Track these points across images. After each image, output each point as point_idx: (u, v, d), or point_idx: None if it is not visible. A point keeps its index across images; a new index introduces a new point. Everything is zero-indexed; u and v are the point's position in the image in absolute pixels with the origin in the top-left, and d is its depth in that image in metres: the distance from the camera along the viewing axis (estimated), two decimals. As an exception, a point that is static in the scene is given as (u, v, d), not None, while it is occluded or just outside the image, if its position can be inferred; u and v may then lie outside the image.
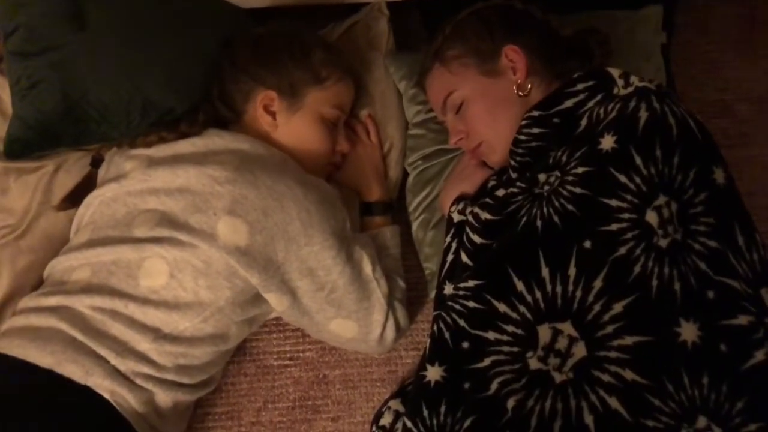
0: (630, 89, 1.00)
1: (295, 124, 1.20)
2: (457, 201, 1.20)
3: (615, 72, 1.04)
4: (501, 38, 1.12)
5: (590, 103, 1.02)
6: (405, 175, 1.36)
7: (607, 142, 0.93)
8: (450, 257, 1.17)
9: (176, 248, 1.04)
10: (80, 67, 1.13)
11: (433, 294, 1.22)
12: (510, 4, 1.17)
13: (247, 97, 1.20)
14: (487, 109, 1.13)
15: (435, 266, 1.26)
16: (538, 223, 0.96)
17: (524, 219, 0.99)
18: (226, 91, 1.21)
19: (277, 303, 1.11)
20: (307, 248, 1.08)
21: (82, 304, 1.05)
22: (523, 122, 1.07)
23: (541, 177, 1.03)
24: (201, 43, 1.20)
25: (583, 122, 1.01)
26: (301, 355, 1.32)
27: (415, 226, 1.32)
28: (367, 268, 1.15)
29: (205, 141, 1.13)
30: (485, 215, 1.07)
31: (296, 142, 1.21)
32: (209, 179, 1.05)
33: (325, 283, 1.10)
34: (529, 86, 1.11)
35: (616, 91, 1.02)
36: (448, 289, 1.13)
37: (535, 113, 1.07)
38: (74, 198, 1.21)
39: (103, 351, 1.02)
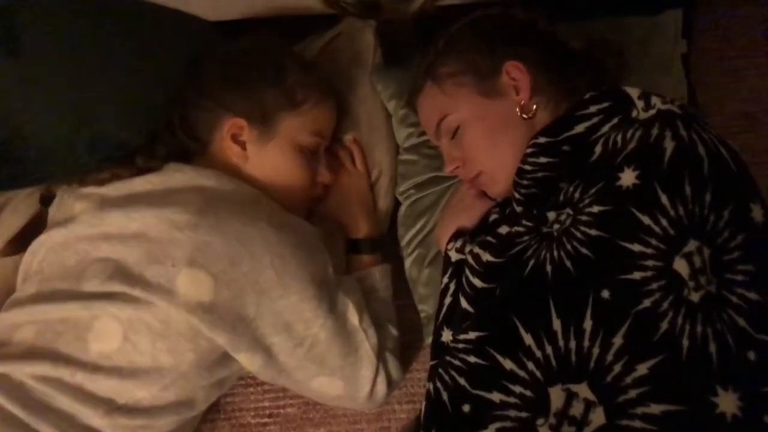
0: (651, 112, 0.91)
1: (269, 155, 1.10)
2: (455, 237, 1.11)
3: (633, 92, 0.94)
4: (501, 53, 1.03)
5: (605, 128, 0.93)
6: (396, 205, 1.26)
7: (628, 178, 0.84)
8: (448, 300, 1.08)
9: (130, 306, 0.95)
10: (11, 99, 1.01)
11: (429, 340, 1.14)
12: (510, 14, 1.09)
13: (212, 126, 1.10)
14: (486, 134, 1.04)
15: (431, 308, 1.17)
16: (548, 267, 0.88)
17: (532, 262, 0.90)
18: (189, 119, 1.11)
19: (248, 363, 1.01)
20: (283, 300, 0.98)
21: (23, 372, 0.95)
22: (528, 150, 0.97)
23: (551, 215, 0.94)
24: (159, 64, 1.09)
25: (597, 150, 0.92)
26: (281, 411, 1.24)
27: (408, 262, 1.22)
28: (353, 317, 1.05)
29: (165, 178, 1.03)
30: (487, 256, 0.98)
31: (270, 175, 1.11)
32: (168, 224, 0.95)
33: (305, 338, 1.01)
34: (534, 107, 1.01)
35: (635, 114, 0.92)
36: (447, 335, 1.05)
37: (542, 140, 0.97)
38: (22, 241, 1.12)
39: (46, 429, 0.92)
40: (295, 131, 1.11)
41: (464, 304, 1.02)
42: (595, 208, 0.86)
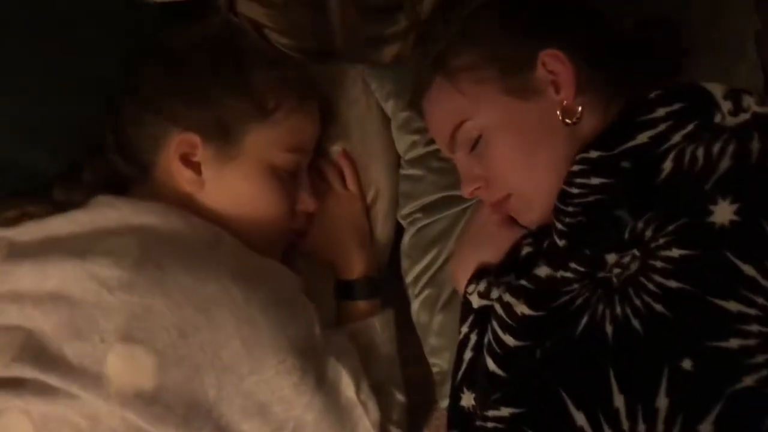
0: (744, 117, 0.82)
1: (231, 180, 0.95)
2: (476, 276, 0.99)
3: (716, 90, 0.84)
4: (535, 38, 0.92)
5: (676, 137, 0.83)
6: (399, 232, 1.14)
7: (723, 213, 0.75)
8: (468, 354, 0.98)
9: (44, 399, 0.81)
10: None
11: (445, 402, 1.04)
12: None
13: (156, 144, 0.95)
14: (517, 145, 0.93)
15: (447, 363, 1.05)
16: (608, 327, 0.78)
17: (585, 320, 0.80)
18: (125, 136, 0.97)
19: None
20: (255, 377, 0.85)
21: None
22: (575, 168, 0.87)
23: (610, 258, 0.82)
24: (84, 64, 0.94)
25: (667, 166, 0.82)
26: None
27: (416, 305, 1.10)
28: (349, 389, 0.93)
29: (92, 216, 0.89)
30: (522, 308, 0.86)
31: (234, 207, 0.96)
32: (93, 282, 0.82)
33: (286, 422, 0.88)
34: (580, 110, 0.90)
35: (718, 119, 0.83)
36: (468, 399, 0.96)
37: (593, 154, 0.87)
38: None
39: None
40: (265, 148, 0.96)
41: (492, 365, 0.90)
42: (676, 252, 0.76)
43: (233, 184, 0.95)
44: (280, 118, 0.96)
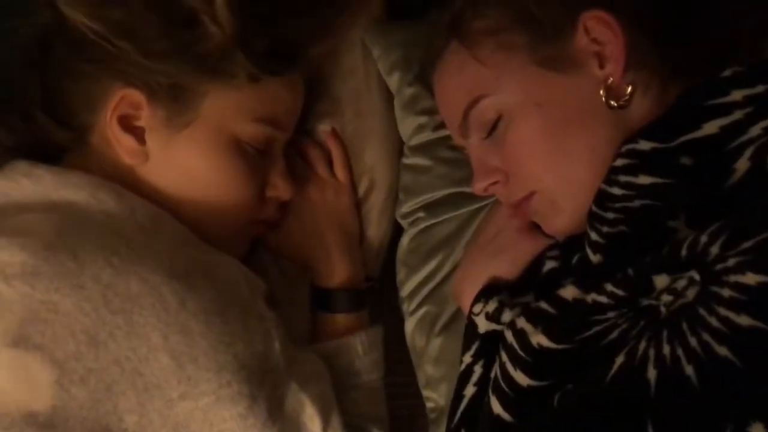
0: None
1: (182, 152, 0.84)
2: (485, 293, 0.89)
3: None
4: None
5: (755, 130, 0.73)
6: (396, 233, 1.05)
7: None
8: (470, 390, 0.88)
9: None
10: None
11: None
12: None
13: (93, 102, 0.83)
14: (547, 130, 0.82)
15: (443, 398, 0.98)
16: (651, 372, 0.67)
17: (621, 360, 0.70)
18: (56, 90, 0.85)
19: None
20: (187, 403, 0.73)
21: None
22: (620, 162, 0.78)
23: (659, 280, 0.71)
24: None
25: (741, 166, 0.72)
26: None
27: (410, 324, 1.01)
28: (313, 424, 0.83)
29: (5, 185, 0.79)
30: (539, 338, 0.77)
31: (184, 186, 0.85)
32: None
33: None
34: (630, 89, 0.79)
35: None
36: None
37: (645, 145, 0.76)
38: None
39: None
40: (227, 115, 0.84)
41: (497, 407, 0.79)
42: (751, 278, 0.65)
43: (185, 158, 0.83)
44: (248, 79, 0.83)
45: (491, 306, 0.86)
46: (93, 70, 0.81)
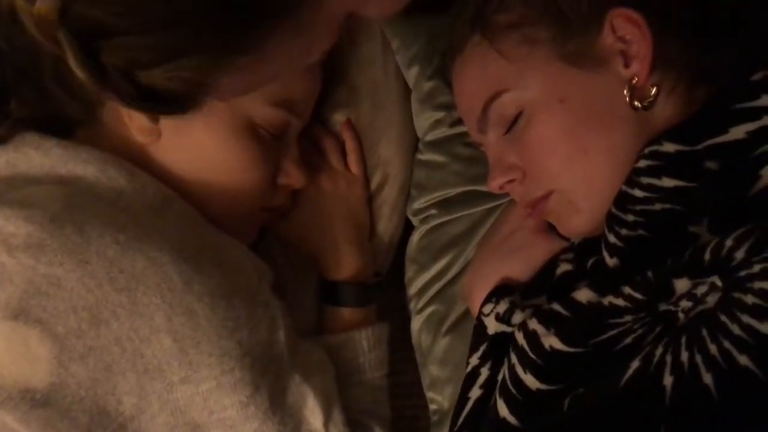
0: None
1: (196, 132, 0.83)
2: (496, 294, 0.88)
3: None
4: None
5: None
6: (407, 230, 1.03)
7: None
8: (476, 393, 0.86)
9: None
10: None
11: None
12: None
13: None
14: (568, 127, 0.80)
15: (448, 401, 0.96)
16: (668, 379, 0.65)
17: (636, 365, 0.68)
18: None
19: None
20: (187, 388, 0.73)
21: None
22: (642, 164, 0.76)
23: (680, 284, 0.69)
24: None
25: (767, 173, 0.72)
26: None
27: (417, 323, 1.00)
28: (314, 418, 0.82)
29: (14, 157, 0.77)
30: (551, 340, 0.75)
31: (196, 168, 0.84)
32: None
33: None
34: (655, 91, 0.78)
35: None
36: None
37: (669, 147, 0.75)
38: None
39: None
40: (244, 97, 0.82)
41: (504, 411, 0.78)
42: None
43: (198, 138, 0.82)
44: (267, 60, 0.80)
45: (502, 307, 0.85)
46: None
